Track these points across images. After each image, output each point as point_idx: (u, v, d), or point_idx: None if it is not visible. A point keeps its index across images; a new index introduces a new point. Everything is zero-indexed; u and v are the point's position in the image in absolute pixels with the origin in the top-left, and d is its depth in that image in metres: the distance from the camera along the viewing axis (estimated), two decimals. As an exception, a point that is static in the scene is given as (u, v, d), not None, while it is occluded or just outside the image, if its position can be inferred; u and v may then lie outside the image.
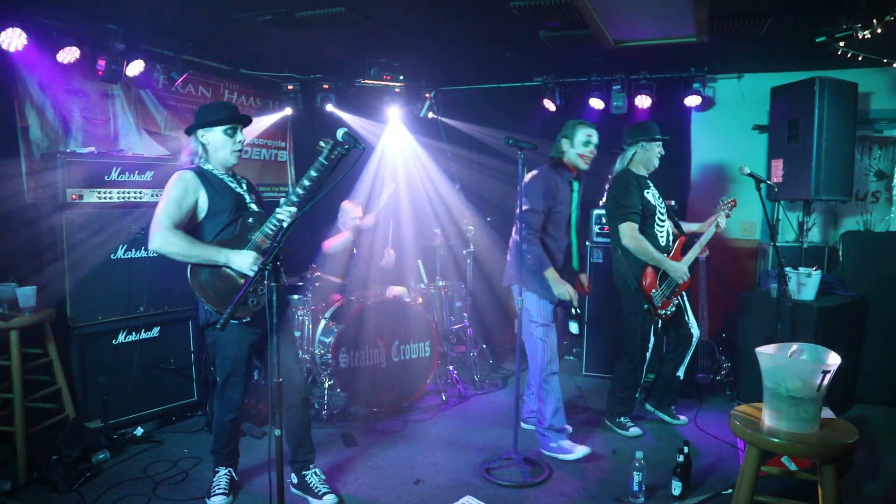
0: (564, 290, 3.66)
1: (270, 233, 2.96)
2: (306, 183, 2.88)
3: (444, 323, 5.17)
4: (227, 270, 2.92)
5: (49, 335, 3.64)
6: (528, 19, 3.99)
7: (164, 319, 4.23)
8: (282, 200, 2.94)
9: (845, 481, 3.41)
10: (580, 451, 3.76)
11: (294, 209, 2.89)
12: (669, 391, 4.37)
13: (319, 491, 3.19)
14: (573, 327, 3.72)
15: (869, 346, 4.83)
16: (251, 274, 2.81)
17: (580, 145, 3.78)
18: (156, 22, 4.18)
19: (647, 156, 4.11)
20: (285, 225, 2.88)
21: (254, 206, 3.10)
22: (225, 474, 3.27)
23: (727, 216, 4.32)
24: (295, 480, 3.29)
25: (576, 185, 3.84)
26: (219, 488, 3.21)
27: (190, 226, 2.96)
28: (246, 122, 3.13)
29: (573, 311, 3.72)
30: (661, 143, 4.13)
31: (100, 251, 3.88)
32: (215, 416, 3.24)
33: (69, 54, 3.88)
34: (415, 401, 4.63)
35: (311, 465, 3.28)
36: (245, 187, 3.14)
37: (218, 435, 3.24)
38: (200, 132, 3.03)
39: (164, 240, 2.81)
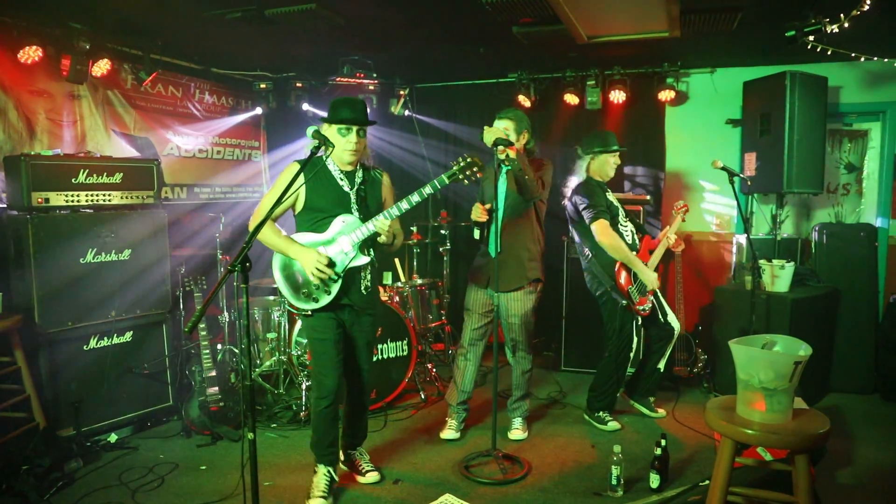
0: (477, 211, 3.74)
1: (357, 240, 3.04)
2: (415, 199, 3.02)
3: (422, 321, 5.15)
4: (299, 265, 3.05)
5: (17, 342, 3.55)
6: (501, 15, 3.98)
7: (137, 324, 4.15)
8: (384, 212, 3.04)
9: (819, 469, 3.46)
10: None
11: (388, 222, 3.01)
12: (650, 384, 4.40)
13: (363, 468, 3.42)
14: (475, 233, 3.82)
15: (841, 335, 4.90)
16: (309, 274, 2.97)
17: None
18: (122, 20, 4.10)
19: (600, 166, 4.13)
20: (381, 238, 3.05)
21: (355, 209, 3.11)
22: (324, 475, 3.21)
23: (683, 220, 4.35)
24: (342, 457, 3.49)
25: (504, 167, 3.67)
26: (317, 490, 3.16)
27: (294, 212, 3.15)
28: (361, 124, 3.07)
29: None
30: (616, 153, 4.15)
31: (68, 255, 3.79)
32: (312, 406, 3.25)
33: (31, 54, 3.79)
34: (393, 400, 4.61)
35: (356, 446, 3.49)
36: (356, 187, 3.14)
37: (315, 426, 3.21)
38: (325, 125, 3.09)
39: (256, 227, 2.85)
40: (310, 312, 3.12)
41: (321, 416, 3.16)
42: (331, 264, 3.00)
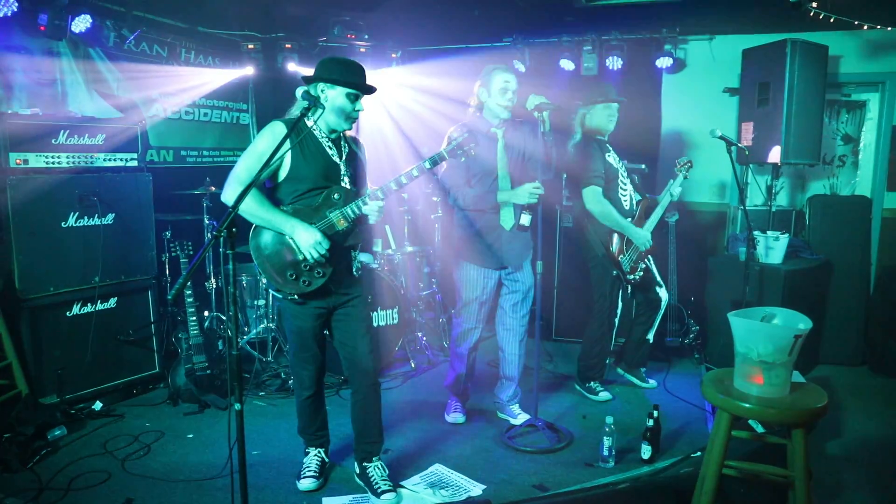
0: (524, 193, 3.40)
1: (351, 215, 2.76)
2: (415, 173, 2.83)
3: (412, 289, 5.09)
4: (291, 241, 2.72)
5: (-3, 308, 3.47)
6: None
7: (122, 290, 4.07)
8: (381, 187, 2.79)
9: (809, 441, 3.47)
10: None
11: (381, 203, 2.76)
12: (639, 355, 4.39)
13: (379, 487, 2.93)
14: (524, 219, 3.47)
15: (832, 308, 4.90)
16: (308, 256, 2.68)
17: (497, 93, 3.48)
18: (102, -26, 3.92)
19: (599, 120, 3.98)
20: (370, 220, 2.79)
21: (346, 181, 2.83)
22: (315, 455, 3.13)
23: (686, 177, 4.21)
24: (357, 470, 3.09)
25: (499, 133, 3.55)
26: (308, 470, 3.07)
27: (272, 182, 2.80)
28: (372, 92, 2.85)
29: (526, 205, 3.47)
30: (609, 105, 3.98)
31: (49, 219, 3.69)
32: (295, 395, 3.11)
33: (6, 7, 3.62)
34: (383, 368, 4.57)
35: (374, 458, 3.03)
36: (345, 157, 2.86)
37: (299, 414, 3.11)
38: (322, 85, 2.76)
39: (235, 194, 2.46)
40: (297, 297, 2.80)
41: (303, 406, 3.07)
42: (334, 246, 2.73)
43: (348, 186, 2.84)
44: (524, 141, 3.58)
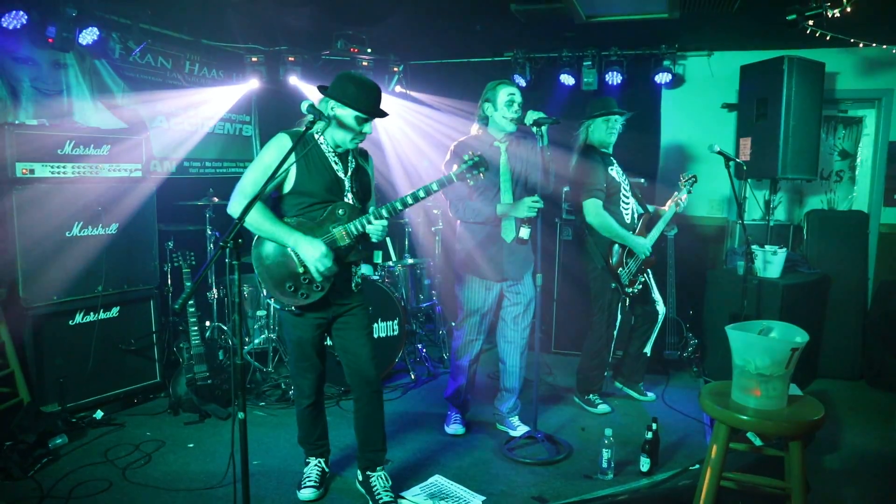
0: (523, 207, 3.44)
1: (354, 232, 2.77)
2: (421, 194, 2.84)
3: (413, 301, 5.12)
4: (291, 253, 2.74)
5: (0, 316, 3.48)
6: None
7: (124, 299, 4.09)
8: (373, 209, 2.80)
9: (807, 454, 3.48)
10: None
11: (385, 222, 2.78)
12: (636, 368, 4.40)
13: (381, 498, 2.95)
14: (524, 232, 3.51)
15: (830, 322, 4.92)
16: (313, 269, 2.69)
17: (503, 106, 3.48)
18: (110, -13, 3.98)
19: (601, 133, 4.03)
20: (372, 238, 2.80)
21: (349, 196, 2.84)
22: (315, 465, 3.13)
23: (689, 192, 4.26)
24: (360, 478, 3.11)
25: (502, 147, 3.56)
26: (309, 480, 3.07)
27: (277, 193, 2.81)
28: (383, 116, 2.85)
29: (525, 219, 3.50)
30: (609, 119, 4.02)
31: (54, 228, 3.72)
32: (295, 404, 3.12)
33: (15, 19, 3.67)
34: (383, 379, 4.57)
35: (378, 467, 3.05)
36: (351, 171, 2.88)
37: (300, 423, 3.13)
38: (332, 103, 2.75)
39: (240, 206, 2.53)
40: (294, 309, 2.83)
41: (303, 415, 3.08)
42: (336, 261, 2.74)
43: (352, 202, 2.85)
44: (526, 155, 3.62)
